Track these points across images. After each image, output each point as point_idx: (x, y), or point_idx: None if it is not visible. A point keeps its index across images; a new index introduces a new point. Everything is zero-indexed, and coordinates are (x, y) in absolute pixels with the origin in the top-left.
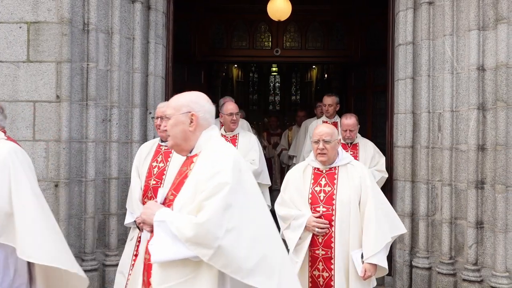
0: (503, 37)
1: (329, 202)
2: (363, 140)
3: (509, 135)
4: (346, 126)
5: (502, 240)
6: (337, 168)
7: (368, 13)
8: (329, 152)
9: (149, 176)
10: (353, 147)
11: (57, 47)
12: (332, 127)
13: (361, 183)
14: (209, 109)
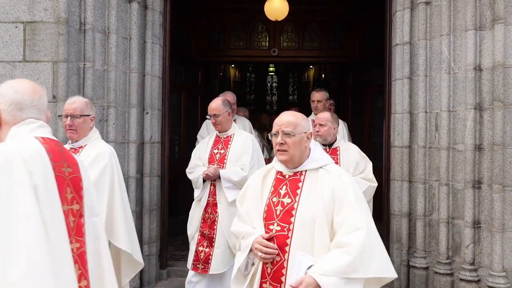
0: (500, 37)
1: (285, 219)
2: (346, 144)
3: (506, 135)
4: (316, 119)
5: (499, 240)
6: (303, 173)
7: (365, 13)
8: (290, 148)
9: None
10: (333, 152)
11: (53, 47)
12: (298, 115)
13: (335, 197)
14: (16, 99)
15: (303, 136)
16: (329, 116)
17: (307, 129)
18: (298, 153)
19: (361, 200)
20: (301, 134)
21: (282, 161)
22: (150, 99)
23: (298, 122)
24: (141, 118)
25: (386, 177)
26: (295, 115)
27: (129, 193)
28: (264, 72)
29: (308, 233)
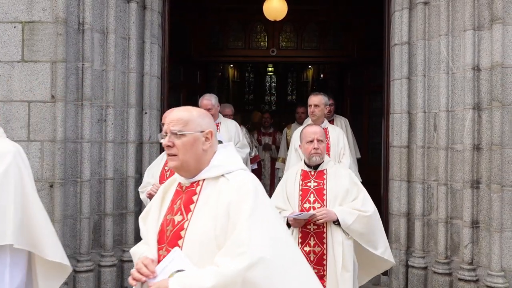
0: (498, 37)
1: (173, 242)
2: (335, 167)
3: (504, 134)
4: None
5: (497, 240)
6: (200, 184)
7: (364, 13)
8: (180, 152)
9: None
10: (319, 175)
11: (52, 47)
12: (194, 110)
13: (230, 213)
14: None
15: (198, 136)
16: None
17: (205, 127)
18: (192, 158)
19: (264, 217)
20: (195, 134)
21: (172, 168)
22: (149, 99)
23: (191, 119)
24: (139, 118)
25: (384, 177)
26: (188, 110)
27: (128, 193)
28: (263, 72)
29: (197, 259)
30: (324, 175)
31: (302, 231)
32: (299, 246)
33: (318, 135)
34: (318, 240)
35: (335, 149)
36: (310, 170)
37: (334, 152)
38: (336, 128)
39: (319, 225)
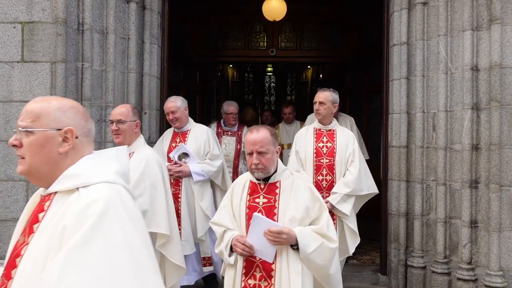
0: (497, 38)
1: (8, 270)
2: (291, 178)
3: (503, 134)
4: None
5: (496, 239)
6: (51, 198)
7: (363, 14)
8: (27, 156)
9: None
10: (270, 189)
11: (51, 47)
12: (54, 101)
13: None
14: None
15: (51, 135)
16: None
17: (64, 123)
18: (43, 163)
19: (99, 252)
20: (48, 132)
21: (20, 174)
22: (149, 99)
23: (44, 112)
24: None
25: (384, 177)
26: (47, 100)
27: None
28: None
29: None
30: (277, 189)
31: (247, 259)
32: (242, 278)
33: (258, 146)
34: (265, 271)
35: (342, 155)
36: (259, 182)
37: (341, 158)
38: (345, 130)
39: None
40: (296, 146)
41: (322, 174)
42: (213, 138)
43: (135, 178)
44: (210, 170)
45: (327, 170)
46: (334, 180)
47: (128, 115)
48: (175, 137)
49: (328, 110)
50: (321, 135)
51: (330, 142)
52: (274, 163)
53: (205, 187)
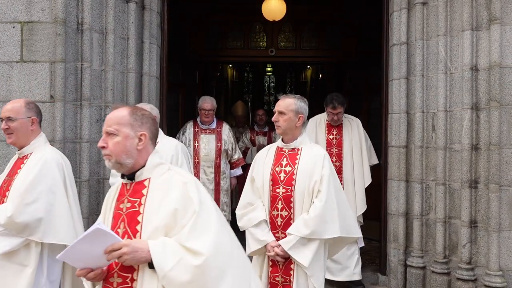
0: (496, 38)
1: None
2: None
3: (503, 134)
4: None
5: (495, 239)
6: None
7: (363, 13)
8: None
9: None
10: (135, 191)
11: (51, 47)
12: None
13: None
14: None
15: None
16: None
17: None
18: None
19: None
20: None
21: None
22: (148, 99)
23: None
24: None
25: (383, 177)
26: None
27: None
28: (262, 72)
29: None
30: (144, 189)
31: None
32: None
33: (106, 126)
34: None
35: (304, 183)
36: (126, 182)
37: (302, 188)
38: (315, 149)
39: None
40: (252, 172)
41: (277, 208)
42: (182, 154)
43: (27, 182)
44: None
45: (283, 203)
46: (292, 216)
47: (20, 112)
48: None
49: (290, 122)
50: (281, 157)
51: (290, 165)
52: (131, 153)
53: None
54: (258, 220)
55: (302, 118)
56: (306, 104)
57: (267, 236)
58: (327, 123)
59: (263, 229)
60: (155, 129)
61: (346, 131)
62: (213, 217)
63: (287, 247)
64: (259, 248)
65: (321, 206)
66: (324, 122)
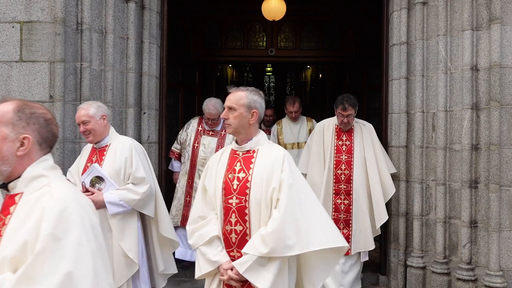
0: (497, 37)
1: None
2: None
3: (503, 134)
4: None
5: (495, 239)
6: None
7: (363, 13)
8: None
9: None
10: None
11: (50, 47)
12: None
13: None
14: None
15: None
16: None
17: None
18: None
19: None
20: None
21: None
22: (148, 99)
23: None
24: (138, 118)
25: None
26: None
27: None
28: (262, 72)
29: None
30: (12, 206)
31: None
32: None
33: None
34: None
35: (260, 191)
36: None
37: (257, 197)
38: (275, 150)
39: None
40: (204, 179)
41: (231, 222)
42: (138, 155)
43: None
44: (131, 199)
45: (237, 215)
46: (248, 231)
47: None
48: (92, 154)
49: (242, 119)
50: (235, 161)
51: (244, 171)
52: (8, 159)
53: (127, 220)
54: (209, 236)
55: (256, 114)
56: (262, 97)
57: (220, 255)
58: (336, 127)
59: (215, 247)
60: (48, 132)
61: (358, 137)
62: (67, 260)
63: (242, 269)
64: (212, 270)
65: (280, 218)
66: (333, 126)
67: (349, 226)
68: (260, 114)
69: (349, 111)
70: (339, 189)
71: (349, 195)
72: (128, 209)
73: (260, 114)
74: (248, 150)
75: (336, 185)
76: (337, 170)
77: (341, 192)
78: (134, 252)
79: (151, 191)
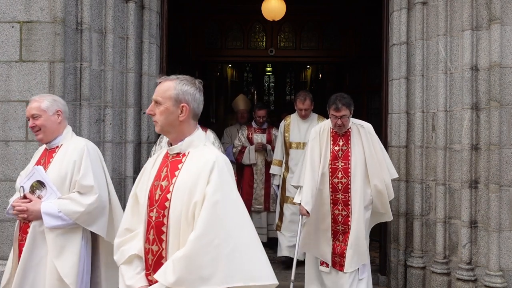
0: (497, 37)
1: None
2: None
3: (503, 134)
4: None
5: (495, 239)
6: None
7: (363, 13)
8: None
9: None
10: None
11: (50, 47)
12: None
13: None
14: None
15: None
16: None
17: None
18: None
19: None
20: None
21: None
22: (147, 99)
23: None
24: (138, 118)
25: None
26: None
27: (126, 193)
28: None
29: None
30: None
31: None
32: None
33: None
34: None
35: (182, 204)
36: None
37: (178, 211)
38: (208, 152)
39: None
40: (137, 186)
41: (149, 239)
42: (90, 159)
43: None
44: (73, 211)
45: (154, 232)
46: (164, 253)
47: None
48: (42, 156)
49: (169, 115)
50: (163, 166)
51: (168, 178)
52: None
53: (68, 237)
54: (129, 254)
55: (187, 109)
56: (197, 88)
57: (135, 279)
58: (332, 131)
59: (134, 268)
60: None
61: (355, 140)
62: None
63: None
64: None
65: (193, 241)
66: (328, 130)
67: (347, 239)
68: (194, 108)
69: (343, 111)
70: (336, 199)
71: (347, 206)
72: (69, 223)
73: (194, 108)
74: (177, 153)
75: (333, 194)
76: (333, 178)
77: (339, 202)
78: (72, 278)
79: (102, 204)
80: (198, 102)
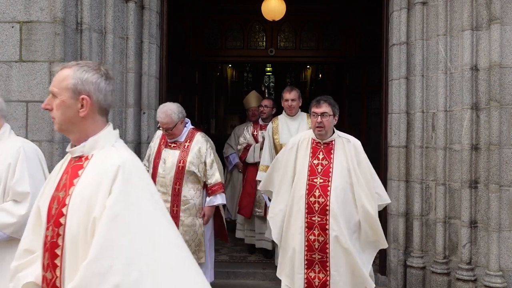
0: (496, 37)
1: None
2: None
3: (503, 134)
4: None
5: (495, 239)
6: None
7: (363, 13)
8: None
9: None
10: None
11: (50, 47)
12: None
13: None
14: None
15: None
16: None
17: None
18: None
19: None
20: None
21: None
22: (147, 99)
23: None
24: (138, 118)
25: (383, 177)
26: None
27: None
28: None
29: None
30: None
31: None
32: None
33: None
34: None
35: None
36: None
37: (75, 232)
38: (107, 159)
39: None
40: (40, 198)
41: (44, 264)
42: (27, 161)
43: None
44: (4, 223)
45: (48, 256)
46: (58, 283)
47: None
48: None
49: (67, 110)
50: (66, 171)
51: (65, 188)
52: None
53: (3, 253)
54: (25, 281)
55: (88, 102)
56: (102, 75)
57: None
58: (313, 142)
59: None
60: None
61: (338, 155)
62: None
63: None
64: None
65: (84, 269)
66: (309, 141)
67: (326, 269)
68: (99, 101)
69: (324, 107)
70: (312, 222)
71: (325, 230)
72: (3, 237)
73: (99, 101)
74: (79, 156)
75: (308, 216)
76: (309, 197)
77: (315, 226)
78: None
79: None
80: (105, 93)
